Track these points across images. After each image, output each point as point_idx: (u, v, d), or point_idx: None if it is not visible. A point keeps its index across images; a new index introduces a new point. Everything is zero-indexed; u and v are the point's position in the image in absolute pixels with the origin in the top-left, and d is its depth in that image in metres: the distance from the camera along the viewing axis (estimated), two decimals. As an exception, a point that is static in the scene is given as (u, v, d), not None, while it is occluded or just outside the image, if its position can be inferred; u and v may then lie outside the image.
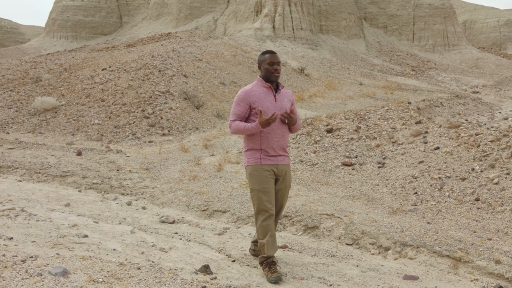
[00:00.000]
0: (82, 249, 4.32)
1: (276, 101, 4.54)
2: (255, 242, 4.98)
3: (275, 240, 4.58)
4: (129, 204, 7.38)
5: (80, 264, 3.66)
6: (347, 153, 9.99)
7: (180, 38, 33.08)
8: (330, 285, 4.38)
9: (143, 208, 7.24)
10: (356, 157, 9.80)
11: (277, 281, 4.34)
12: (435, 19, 54.31)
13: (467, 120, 18.48)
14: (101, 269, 3.59)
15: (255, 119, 4.46)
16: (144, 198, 7.87)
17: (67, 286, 3.14)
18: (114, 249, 4.58)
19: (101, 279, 3.36)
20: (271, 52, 4.59)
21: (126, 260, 4.16)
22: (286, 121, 4.52)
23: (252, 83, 4.69)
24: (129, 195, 8.01)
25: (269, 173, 4.51)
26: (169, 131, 13.98)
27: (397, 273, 4.78)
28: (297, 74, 27.06)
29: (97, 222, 5.87)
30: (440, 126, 10.44)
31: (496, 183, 7.46)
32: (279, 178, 4.62)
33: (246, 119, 4.56)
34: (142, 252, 4.64)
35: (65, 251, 4.11)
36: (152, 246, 5.07)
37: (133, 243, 5.06)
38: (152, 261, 4.30)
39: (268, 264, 4.52)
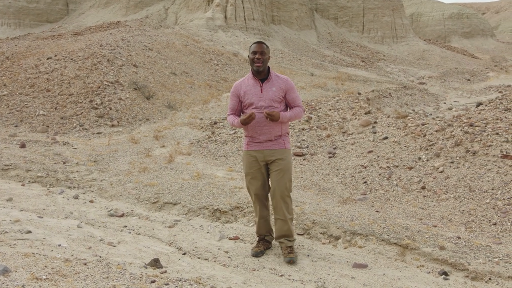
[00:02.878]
0: (25, 246, 4.14)
1: (262, 92, 4.64)
2: None
3: (266, 222, 5.05)
4: (76, 197, 7.15)
5: (22, 261, 3.51)
6: (299, 144, 10.06)
7: (130, 27, 32.29)
8: (281, 275, 4.39)
9: (91, 201, 7.04)
10: (307, 147, 9.88)
11: (253, 255, 4.88)
12: (384, 11, 55.47)
13: (414, 111, 19.00)
14: (45, 266, 3.44)
15: (246, 111, 4.70)
16: (92, 191, 7.64)
17: (7, 285, 2.99)
18: (59, 245, 4.42)
19: (44, 277, 3.22)
20: (257, 42, 4.69)
21: (72, 256, 4.02)
22: (268, 119, 4.63)
23: (245, 76, 4.87)
24: (76, 188, 7.76)
25: (254, 158, 4.81)
26: (118, 122, 13.65)
27: (347, 261, 4.84)
28: (248, 65, 27.01)
29: (42, 217, 5.65)
30: (388, 117, 10.68)
31: (441, 172, 7.70)
32: (268, 164, 4.82)
33: (241, 111, 4.81)
34: (89, 247, 4.50)
35: (6, 248, 3.93)
36: (100, 240, 4.93)
37: (79, 238, 4.90)
38: (100, 256, 4.18)
39: (257, 240, 5.13)
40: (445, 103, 23.26)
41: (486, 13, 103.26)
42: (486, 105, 12.78)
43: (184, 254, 4.88)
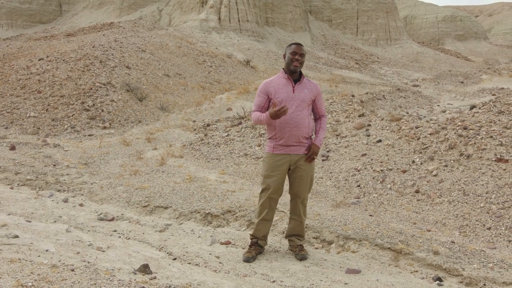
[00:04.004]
0: (11, 251, 4.03)
1: (294, 92, 4.64)
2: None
3: (267, 227, 4.91)
4: (65, 201, 7.04)
5: (7, 267, 3.40)
6: (292, 146, 9.98)
7: (123, 28, 32.13)
8: (273, 281, 4.31)
9: (81, 205, 6.93)
10: (300, 150, 9.80)
11: (245, 260, 4.75)
12: (378, 13, 55.57)
13: (408, 113, 18.98)
14: (31, 272, 3.35)
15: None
16: (82, 195, 7.54)
17: (-9, 292, 2.90)
18: (47, 250, 4.32)
19: (30, 284, 3.14)
20: (298, 44, 4.71)
21: (59, 261, 3.93)
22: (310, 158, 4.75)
23: (276, 74, 4.84)
24: (66, 191, 7.65)
25: (280, 162, 4.70)
26: (110, 124, 13.53)
27: (340, 267, 4.77)
28: (242, 66, 26.94)
29: (30, 221, 5.54)
30: (382, 119, 10.62)
31: (435, 175, 7.65)
32: (291, 168, 4.76)
33: (267, 110, 4.70)
34: (78, 252, 4.40)
35: (-8, 254, 3.83)
36: (89, 245, 4.83)
37: (68, 242, 4.80)
38: (88, 262, 4.08)
39: (250, 243, 4.96)
40: (438, 105, 23.24)
41: (479, 16, 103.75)
42: (479, 108, 12.77)
43: (175, 259, 4.80)
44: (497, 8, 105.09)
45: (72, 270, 3.62)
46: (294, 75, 4.70)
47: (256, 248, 4.96)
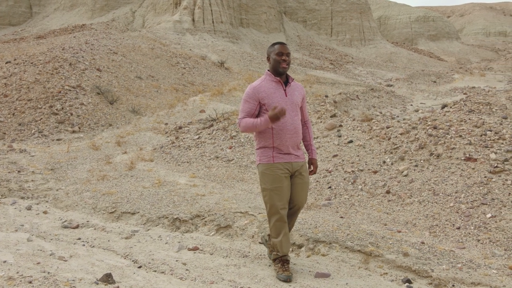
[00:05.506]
0: (-34, 264, 3.86)
1: (286, 96, 4.38)
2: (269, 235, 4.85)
3: (288, 239, 4.55)
4: (28, 208, 6.81)
5: (-41, 282, 3.24)
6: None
7: (95, 30, 31.65)
8: (241, 287, 4.21)
9: (45, 212, 6.71)
10: (272, 151, 9.72)
11: (286, 280, 4.38)
12: (352, 14, 55.99)
13: (381, 113, 19.10)
14: (-15, 286, 3.19)
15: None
16: (47, 202, 7.31)
17: None
18: (5, 261, 4.16)
19: (-18, 298, 2.98)
20: (281, 43, 4.46)
21: (17, 273, 3.78)
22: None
23: (260, 78, 4.49)
24: (29, 198, 7.41)
25: (283, 171, 4.38)
26: (79, 128, 13.23)
27: (309, 271, 4.70)
28: (217, 68, 26.78)
29: (-12, 231, 5.33)
30: (354, 120, 10.61)
31: (405, 175, 7.64)
32: (292, 176, 4.49)
33: (256, 117, 4.39)
34: (38, 263, 4.24)
35: None
36: (51, 255, 4.67)
37: (28, 252, 4.63)
38: (48, 272, 3.93)
39: (282, 261, 4.54)
40: (411, 105, 23.46)
41: (451, 16, 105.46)
42: (451, 107, 12.90)
43: (140, 267, 4.66)
44: (468, 8, 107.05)
45: (30, 282, 3.51)
46: (283, 77, 4.45)
47: (288, 264, 4.61)
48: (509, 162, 7.16)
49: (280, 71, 4.40)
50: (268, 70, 4.49)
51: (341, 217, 6.49)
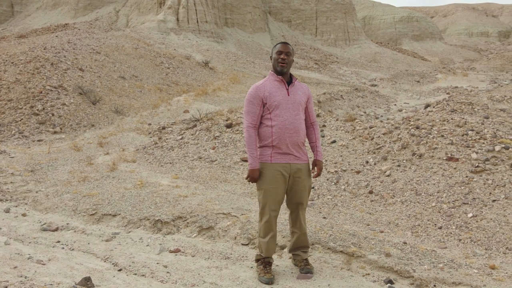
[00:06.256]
0: None
1: (288, 95, 4.35)
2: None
3: (275, 242, 4.56)
4: (7, 211, 6.68)
5: None
6: (245, 149, 9.85)
7: (78, 29, 31.34)
8: (222, 290, 4.17)
9: (23, 215, 6.59)
10: (256, 152, 9.68)
11: (268, 282, 4.36)
12: (336, 14, 56.23)
13: (365, 113, 19.21)
14: (-42, 293, 3.11)
15: (266, 122, 4.35)
16: (26, 204, 7.18)
17: None
18: (-20, 266, 4.05)
19: (-45, 306, 2.89)
20: (283, 43, 4.42)
21: (-8, 278, 3.67)
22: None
23: (264, 78, 4.49)
24: (8, 201, 7.27)
25: (279, 172, 4.34)
26: (61, 128, 13.06)
27: (292, 272, 4.67)
28: (201, 68, 26.66)
29: (-36, 235, 5.21)
30: (337, 120, 10.62)
31: (388, 175, 7.65)
32: (290, 179, 4.43)
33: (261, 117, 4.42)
34: (15, 267, 4.15)
35: None
36: (28, 258, 4.57)
37: (5, 256, 4.53)
38: (25, 277, 3.85)
39: (264, 263, 4.53)
40: (395, 104, 23.65)
41: (435, 17, 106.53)
42: (434, 107, 12.97)
43: (120, 270, 4.60)
44: (451, 9, 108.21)
45: (6, 287, 3.37)
46: (285, 76, 4.42)
47: (270, 266, 4.61)
48: (490, 162, 7.21)
49: (278, 70, 4.39)
50: (271, 71, 4.51)
51: (324, 217, 6.47)
